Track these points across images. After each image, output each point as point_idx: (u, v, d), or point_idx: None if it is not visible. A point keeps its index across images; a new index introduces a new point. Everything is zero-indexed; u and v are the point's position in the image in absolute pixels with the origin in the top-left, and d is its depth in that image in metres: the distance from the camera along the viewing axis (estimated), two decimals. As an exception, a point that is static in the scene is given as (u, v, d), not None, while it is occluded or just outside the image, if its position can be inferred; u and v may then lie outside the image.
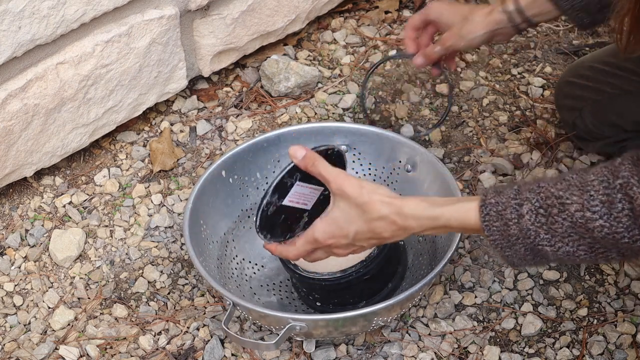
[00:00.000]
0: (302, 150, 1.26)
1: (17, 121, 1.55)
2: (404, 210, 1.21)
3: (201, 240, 1.48)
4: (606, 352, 1.44)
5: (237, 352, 1.46)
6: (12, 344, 1.48)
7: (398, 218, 1.21)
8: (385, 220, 1.21)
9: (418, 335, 1.47)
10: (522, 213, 1.11)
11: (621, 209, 1.04)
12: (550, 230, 1.10)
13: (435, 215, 1.20)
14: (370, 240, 1.25)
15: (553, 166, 1.71)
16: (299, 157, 1.27)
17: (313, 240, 1.27)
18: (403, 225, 1.21)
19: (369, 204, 1.21)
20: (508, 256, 1.15)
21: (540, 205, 1.10)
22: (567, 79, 1.68)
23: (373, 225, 1.22)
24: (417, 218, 1.21)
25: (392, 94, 1.87)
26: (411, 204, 1.22)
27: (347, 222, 1.24)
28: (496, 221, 1.13)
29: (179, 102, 1.86)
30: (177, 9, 1.70)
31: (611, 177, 1.05)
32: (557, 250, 1.11)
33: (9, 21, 1.45)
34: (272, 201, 1.28)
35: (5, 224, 1.66)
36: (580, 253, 1.10)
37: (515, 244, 1.13)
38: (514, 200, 1.12)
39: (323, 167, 1.26)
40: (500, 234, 1.13)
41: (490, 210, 1.14)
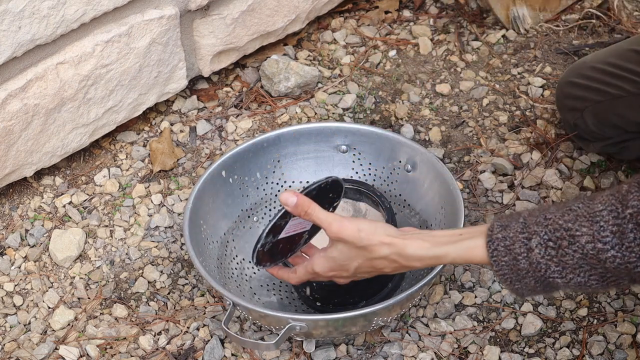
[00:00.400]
0: (293, 197, 1.25)
1: (17, 121, 1.55)
2: (406, 252, 1.21)
3: (201, 240, 1.48)
4: (606, 352, 1.44)
5: (237, 352, 1.46)
6: (12, 344, 1.48)
7: (400, 258, 1.21)
8: (386, 259, 1.22)
9: (418, 335, 1.47)
10: (532, 247, 1.10)
11: (633, 238, 1.03)
12: (561, 262, 1.09)
13: (439, 255, 1.19)
14: (372, 273, 1.27)
15: (553, 166, 1.71)
16: (291, 204, 1.25)
17: (313, 272, 1.29)
18: (405, 265, 1.22)
19: (369, 247, 1.22)
20: (517, 289, 1.14)
21: (549, 238, 1.09)
22: (568, 79, 1.68)
23: (374, 263, 1.24)
24: (420, 259, 1.20)
25: (392, 94, 1.87)
26: (414, 245, 1.21)
27: (347, 260, 1.25)
28: (504, 256, 1.12)
29: (179, 102, 1.86)
30: (177, 9, 1.70)
31: (620, 207, 1.04)
32: (568, 282, 1.10)
33: (9, 21, 1.45)
34: (267, 241, 1.28)
35: (5, 224, 1.66)
36: (592, 283, 1.09)
37: (525, 277, 1.12)
38: (522, 234, 1.11)
39: (317, 214, 1.25)
40: (509, 268, 1.12)
41: (497, 246, 1.12)
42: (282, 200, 1.25)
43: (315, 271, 1.28)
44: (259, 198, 1.60)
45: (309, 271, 1.30)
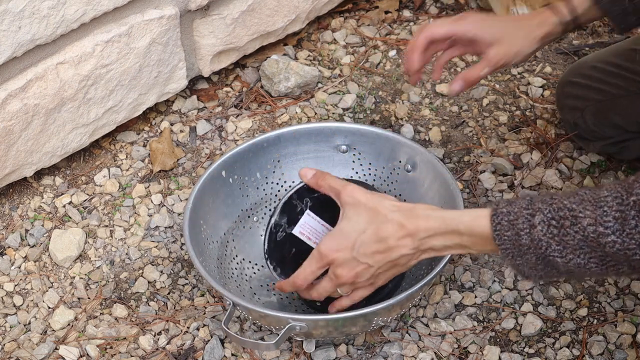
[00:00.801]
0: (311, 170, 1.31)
1: (17, 121, 1.55)
2: (414, 211, 1.22)
3: (201, 240, 1.48)
4: (606, 352, 1.44)
5: (237, 352, 1.46)
6: (12, 344, 1.48)
7: (406, 220, 1.21)
8: (392, 223, 1.22)
9: (418, 335, 1.47)
10: (534, 223, 1.11)
11: (634, 225, 1.04)
12: (562, 242, 1.09)
13: (445, 216, 1.20)
14: (375, 255, 1.24)
15: (553, 166, 1.71)
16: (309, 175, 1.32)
17: (318, 254, 1.28)
18: (410, 229, 1.21)
19: (379, 207, 1.23)
20: (519, 264, 1.15)
21: (553, 216, 1.10)
22: (569, 78, 1.68)
23: (380, 230, 1.22)
24: (427, 218, 1.21)
25: (392, 94, 1.87)
26: (422, 205, 1.24)
27: (353, 231, 1.24)
28: (507, 230, 1.13)
29: (179, 102, 1.86)
30: (177, 9, 1.70)
31: (625, 194, 1.05)
32: (567, 262, 1.10)
33: (9, 21, 1.45)
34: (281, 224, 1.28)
35: (5, 224, 1.66)
36: (592, 265, 1.10)
37: (527, 253, 1.13)
38: (526, 211, 1.12)
39: (332, 179, 1.29)
40: (511, 243, 1.13)
41: (501, 220, 1.14)
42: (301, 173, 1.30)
43: (319, 251, 1.27)
44: (259, 198, 1.60)
45: (314, 256, 1.28)
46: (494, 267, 1.57)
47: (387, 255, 1.24)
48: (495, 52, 1.41)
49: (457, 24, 1.43)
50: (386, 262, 1.25)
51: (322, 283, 1.30)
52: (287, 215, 1.28)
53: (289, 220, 1.28)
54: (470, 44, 1.44)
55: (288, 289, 1.35)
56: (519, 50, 1.42)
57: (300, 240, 1.33)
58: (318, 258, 1.27)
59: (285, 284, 1.35)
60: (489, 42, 1.41)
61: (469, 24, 1.42)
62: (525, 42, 1.42)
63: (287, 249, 1.30)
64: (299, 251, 1.31)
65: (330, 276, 1.29)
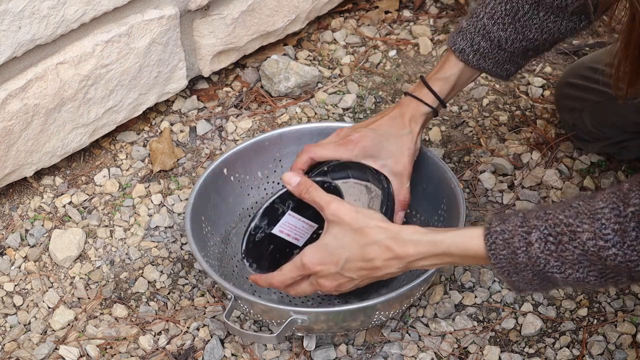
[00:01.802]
0: (296, 176, 1.25)
1: (17, 121, 1.55)
2: (401, 235, 1.19)
3: (202, 237, 1.48)
4: (606, 352, 1.44)
5: (237, 352, 1.46)
6: (12, 344, 1.48)
7: (394, 244, 1.19)
8: (379, 245, 1.20)
9: (418, 335, 1.47)
10: (531, 241, 1.09)
11: (635, 237, 1.03)
12: (561, 257, 1.08)
13: (435, 240, 1.18)
14: (360, 271, 1.23)
15: (553, 166, 1.71)
16: (293, 183, 1.26)
17: (300, 265, 1.26)
18: (398, 253, 1.19)
19: (365, 228, 1.20)
20: (514, 281, 1.14)
21: (549, 232, 1.08)
22: (567, 79, 1.68)
23: (365, 251, 1.21)
24: (416, 243, 1.19)
25: (392, 94, 1.88)
26: (409, 229, 1.20)
27: (338, 248, 1.22)
28: (503, 249, 1.11)
29: (179, 102, 1.86)
30: (177, 9, 1.70)
31: (622, 205, 1.04)
32: (567, 277, 1.10)
33: (9, 21, 1.45)
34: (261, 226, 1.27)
35: (5, 224, 1.66)
36: (591, 279, 1.09)
37: (524, 270, 1.12)
38: (521, 228, 1.10)
39: (317, 193, 1.25)
40: (507, 261, 1.12)
41: (496, 239, 1.12)
42: (284, 179, 1.25)
43: (302, 262, 1.25)
44: (260, 197, 1.60)
45: (296, 265, 1.26)
46: (494, 267, 1.57)
47: (372, 272, 1.23)
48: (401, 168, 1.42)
49: (340, 151, 1.41)
50: (370, 277, 1.25)
51: (302, 285, 1.29)
52: (267, 218, 1.27)
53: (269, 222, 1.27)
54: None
55: (263, 284, 1.33)
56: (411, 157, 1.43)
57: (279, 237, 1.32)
58: (300, 268, 1.26)
59: (260, 280, 1.33)
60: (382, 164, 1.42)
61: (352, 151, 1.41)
62: (412, 144, 1.42)
63: (264, 247, 1.29)
64: (276, 246, 1.30)
65: (312, 282, 1.28)
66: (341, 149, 1.41)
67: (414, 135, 1.42)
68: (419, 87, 1.44)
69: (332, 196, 1.25)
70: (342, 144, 1.41)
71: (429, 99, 1.43)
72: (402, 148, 1.42)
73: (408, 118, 1.42)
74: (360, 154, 1.40)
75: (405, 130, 1.42)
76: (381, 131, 1.41)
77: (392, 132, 1.41)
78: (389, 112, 1.44)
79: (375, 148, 1.41)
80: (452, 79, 1.43)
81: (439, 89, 1.42)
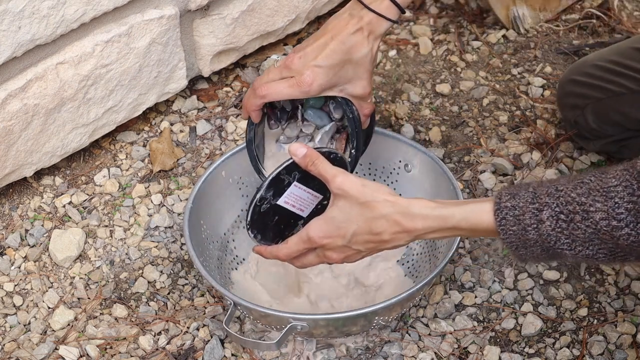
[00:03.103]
0: (302, 148, 1.23)
1: (17, 121, 1.55)
2: (410, 210, 1.17)
3: (201, 240, 1.48)
4: (606, 352, 1.44)
5: (237, 352, 1.46)
6: (12, 344, 1.48)
7: (403, 218, 1.17)
8: (387, 219, 1.18)
9: (418, 335, 1.47)
10: (542, 219, 1.09)
11: None
12: (572, 235, 1.08)
13: (445, 214, 1.16)
14: (368, 244, 1.22)
15: (553, 166, 1.71)
16: (299, 155, 1.23)
17: (307, 239, 1.24)
18: (407, 227, 1.18)
19: (372, 202, 1.18)
20: (521, 254, 1.13)
21: (561, 210, 1.08)
22: (570, 77, 1.68)
23: (373, 225, 1.19)
24: (425, 217, 1.17)
25: (392, 94, 1.87)
26: (419, 203, 1.18)
27: (345, 222, 1.20)
28: (513, 225, 1.11)
29: (178, 102, 1.86)
30: (177, 9, 1.70)
31: (635, 184, 1.03)
32: (576, 254, 1.09)
33: (9, 21, 1.45)
34: (267, 197, 1.25)
35: (5, 224, 1.66)
36: (600, 256, 1.08)
37: (533, 246, 1.11)
38: (532, 205, 1.09)
39: (323, 166, 1.23)
40: (517, 237, 1.11)
41: (506, 215, 1.11)
42: (291, 150, 1.23)
43: (309, 236, 1.23)
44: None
45: (302, 238, 1.24)
46: (494, 267, 1.57)
47: (380, 244, 1.22)
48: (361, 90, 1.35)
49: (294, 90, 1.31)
50: (378, 249, 1.24)
51: (309, 257, 1.27)
52: (273, 189, 1.24)
53: (274, 193, 1.25)
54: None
55: (268, 256, 1.31)
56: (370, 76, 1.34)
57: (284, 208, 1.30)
58: (306, 241, 1.24)
59: (265, 252, 1.31)
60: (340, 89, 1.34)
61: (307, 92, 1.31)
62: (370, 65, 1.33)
63: (269, 218, 1.27)
64: (281, 217, 1.28)
65: (318, 254, 1.26)
66: (295, 89, 1.31)
67: (373, 52, 1.32)
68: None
69: (338, 169, 1.22)
70: (296, 84, 1.31)
71: (392, 12, 1.32)
72: (360, 71, 1.33)
73: (365, 35, 1.31)
74: (316, 91, 1.32)
75: (363, 50, 1.31)
76: (335, 61, 1.31)
77: (348, 59, 1.32)
78: (340, 30, 1.31)
79: (332, 80, 1.32)
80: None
81: (405, 3, 1.33)
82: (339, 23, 1.32)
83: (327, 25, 1.33)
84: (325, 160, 1.24)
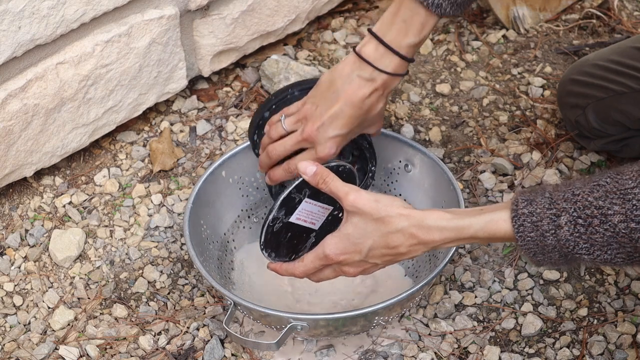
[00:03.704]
0: (312, 166, 1.23)
1: (17, 121, 1.55)
2: (426, 222, 1.17)
3: (201, 240, 1.48)
4: (606, 352, 1.44)
5: (237, 352, 1.46)
6: (12, 344, 1.48)
7: (418, 231, 1.17)
8: (403, 233, 1.18)
9: (418, 335, 1.47)
10: (560, 224, 1.08)
11: None
12: (590, 239, 1.07)
13: (462, 225, 1.16)
14: (385, 257, 1.22)
15: (553, 166, 1.71)
16: (309, 173, 1.23)
17: (323, 256, 1.24)
18: (424, 239, 1.18)
19: (386, 217, 1.18)
20: (539, 260, 1.13)
21: (579, 215, 1.07)
22: (570, 76, 1.68)
23: (390, 239, 1.19)
24: (442, 229, 1.17)
25: (392, 94, 1.87)
26: (433, 215, 1.18)
27: (361, 237, 1.20)
28: (531, 232, 1.10)
29: (178, 102, 1.86)
30: (177, 8, 1.70)
31: None
32: (595, 258, 1.09)
33: (9, 21, 1.45)
34: (279, 217, 1.25)
35: (5, 224, 1.66)
36: (618, 260, 1.08)
37: (551, 252, 1.11)
38: (550, 211, 1.09)
39: (334, 184, 1.22)
40: (535, 243, 1.11)
41: (524, 222, 1.11)
42: (300, 168, 1.23)
43: (325, 253, 1.23)
44: (259, 198, 1.60)
45: (318, 255, 1.24)
46: (494, 267, 1.57)
47: (397, 257, 1.22)
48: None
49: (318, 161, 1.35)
50: (395, 261, 1.24)
51: (325, 272, 1.27)
52: (285, 208, 1.25)
53: (286, 212, 1.26)
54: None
55: (283, 274, 1.32)
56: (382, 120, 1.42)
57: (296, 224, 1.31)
58: (323, 258, 1.24)
59: (281, 269, 1.31)
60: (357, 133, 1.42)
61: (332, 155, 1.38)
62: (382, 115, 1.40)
63: (282, 236, 1.27)
64: (294, 233, 1.29)
65: (335, 269, 1.26)
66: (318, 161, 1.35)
67: (386, 102, 1.40)
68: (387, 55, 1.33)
69: (350, 186, 1.22)
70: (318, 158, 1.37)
71: (403, 67, 1.36)
72: (376, 119, 1.41)
73: (381, 93, 1.36)
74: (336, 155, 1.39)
75: (379, 106, 1.38)
76: (354, 125, 1.37)
77: (365, 118, 1.37)
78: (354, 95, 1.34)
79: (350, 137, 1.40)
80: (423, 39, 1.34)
81: (412, 54, 1.35)
82: (350, 87, 1.35)
83: (337, 87, 1.36)
84: (336, 177, 1.24)
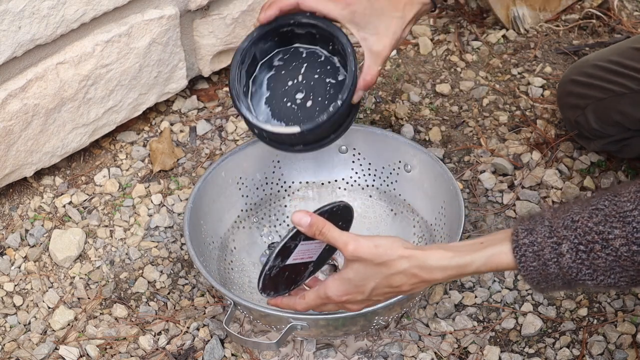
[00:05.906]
0: (306, 217, 1.21)
1: (17, 121, 1.55)
2: (427, 263, 1.17)
3: (201, 240, 1.48)
4: (606, 352, 1.44)
5: (237, 352, 1.46)
6: (12, 344, 1.48)
7: (420, 271, 1.17)
8: (405, 274, 1.18)
9: (418, 335, 1.47)
10: (562, 252, 1.08)
11: None
12: (593, 265, 1.07)
13: (464, 263, 1.15)
14: (387, 295, 1.22)
15: (553, 166, 1.71)
16: (304, 225, 1.21)
17: (325, 297, 1.24)
18: (426, 279, 1.18)
19: (388, 262, 1.18)
20: (542, 288, 1.13)
21: (580, 241, 1.07)
22: (570, 77, 1.68)
23: (392, 280, 1.19)
24: (444, 269, 1.16)
25: (392, 94, 1.87)
26: (435, 255, 1.17)
27: (363, 280, 1.20)
28: (533, 261, 1.10)
29: (179, 102, 1.86)
30: (177, 9, 1.70)
31: None
32: (598, 283, 1.08)
33: (9, 21, 1.45)
34: (275, 264, 1.25)
35: (5, 224, 1.66)
36: (621, 284, 1.08)
37: (554, 280, 1.11)
38: (550, 239, 1.09)
39: (332, 234, 1.21)
40: (537, 273, 1.11)
41: (525, 252, 1.10)
42: (294, 220, 1.21)
43: (327, 295, 1.23)
44: (259, 198, 1.60)
45: (320, 296, 1.24)
46: (494, 267, 1.57)
47: (399, 293, 1.23)
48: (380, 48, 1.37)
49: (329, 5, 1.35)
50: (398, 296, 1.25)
51: (327, 307, 1.27)
52: (281, 256, 1.26)
53: (282, 258, 1.26)
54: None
55: (284, 308, 1.31)
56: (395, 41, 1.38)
57: (293, 264, 1.32)
58: (325, 299, 1.24)
59: (282, 304, 1.31)
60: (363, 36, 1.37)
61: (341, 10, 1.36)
62: (399, 29, 1.37)
63: (280, 277, 1.28)
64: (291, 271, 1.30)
65: (337, 304, 1.26)
66: (330, 4, 1.35)
67: (405, 21, 1.38)
68: None
69: (348, 235, 1.21)
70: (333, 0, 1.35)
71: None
72: (389, 29, 1.37)
73: (404, 2, 1.37)
74: (347, 17, 1.35)
75: (398, 13, 1.37)
76: (376, 4, 1.36)
77: (385, 10, 1.36)
78: None
79: (364, 18, 1.36)
80: None
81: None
82: None
83: None
84: (332, 227, 1.22)
